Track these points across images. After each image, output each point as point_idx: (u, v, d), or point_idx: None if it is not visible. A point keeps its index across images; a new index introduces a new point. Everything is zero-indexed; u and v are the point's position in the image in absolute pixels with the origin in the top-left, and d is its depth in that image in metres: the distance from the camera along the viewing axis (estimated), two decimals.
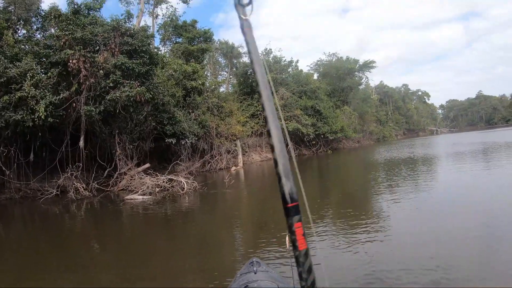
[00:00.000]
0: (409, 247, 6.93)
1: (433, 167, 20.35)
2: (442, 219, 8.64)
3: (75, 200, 16.38)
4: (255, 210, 13.03)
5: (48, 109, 16.07)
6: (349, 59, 56.80)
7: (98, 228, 11.90)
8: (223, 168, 29.31)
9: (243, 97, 39.56)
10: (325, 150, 44.21)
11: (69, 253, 8.56)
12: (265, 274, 3.76)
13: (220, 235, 9.79)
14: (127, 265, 7.42)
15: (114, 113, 18.22)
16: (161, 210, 13.56)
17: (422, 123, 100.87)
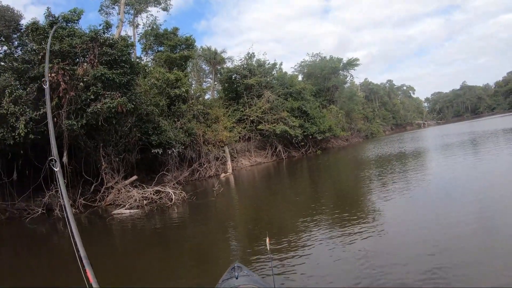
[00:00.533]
0: (404, 244, 6.92)
1: (424, 161, 20.32)
2: (436, 214, 8.63)
3: (61, 218, 15.78)
4: (244, 218, 12.66)
5: (29, 126, 15.51)
6: (333, 58, 56.90)
7: (86, 246, 11.35)
8: (213, 175, 28.85)
9: (228, 103, 39.24)
10: (314, 150, 43.96)
11: (60, 275, 8.29)
12: (247, 278, 3.88)
13: (210, 247, 9.52)
14: (119, 282, 7.23)
15: (97, 126, 17.75)
16: (150, 224, 13.14)
17: (409, 117, 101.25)
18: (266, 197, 16.85)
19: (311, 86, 48.83)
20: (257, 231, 9.74)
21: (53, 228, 14.60)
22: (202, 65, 51.11)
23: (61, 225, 14.76)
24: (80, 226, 14.26)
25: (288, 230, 9.41)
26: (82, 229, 14.00)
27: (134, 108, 18.54)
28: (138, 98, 19.36)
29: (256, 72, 40.44)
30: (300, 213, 11.24)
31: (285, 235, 8.70)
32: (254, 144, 39.31)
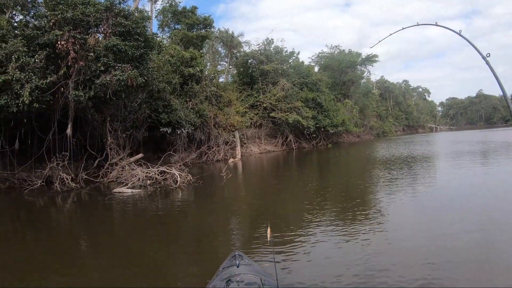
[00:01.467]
0: (406, 247, 6.67)
1: (434, 167, 19.01)
2: (441, 220, 8.28)
3: (60, 192, 15.02)
4: (249, 207, 11.74)
5: (34, 94, 14.62)
6: (352, 52, 55.46)
7: (82, 224, 10.64)
8: (221, 159, 28.01)
9: (242, 87, 38.30)
10: (325, 143, 43.04)
11: (56, 252, 7.77)
12: (248, 268, 3.80)
13: (212, 234, 8.83)
14: (115, 264, 6.87)
15: (105, 99, 16.85)
16: (151, 206, 12.22)
17: (421, 120, 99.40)
18: (273, 186, 15.87)
19: (328, 78, 47.57)
20: (261, 221, 9.08)
21: (52, 202, 13.74)
22: (218, 48, 50.00)
23: (59, 199, 13.99)
24: (79, 201, 13.59)
25: (291, 222, 9.13)
26: (81, 205, 13.31)
27: (145, 83, 17.58)
28: (150, 73, 18.38)
29: (273, 59, 39.43)
30: (305, 206, 10.64)
31: (288, 227, 8.44)
32: (265, 131, 38.42)
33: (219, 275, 3.86)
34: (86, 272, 6.47)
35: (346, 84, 53.45)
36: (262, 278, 3.42)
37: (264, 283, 3.30)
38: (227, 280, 3.46)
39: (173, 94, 22.92)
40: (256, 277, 3.49)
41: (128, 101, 19.77)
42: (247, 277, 3.51)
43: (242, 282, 3.40)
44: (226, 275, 3.66)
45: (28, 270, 6.59)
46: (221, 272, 3.93)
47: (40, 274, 6.36)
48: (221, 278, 3.63)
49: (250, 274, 3.60)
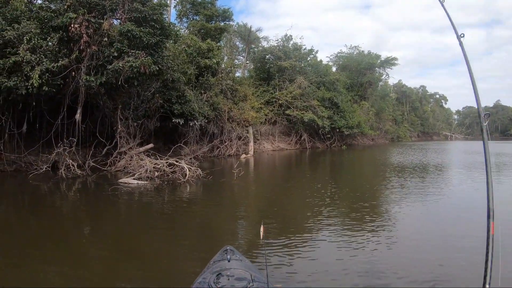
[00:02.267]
0: (410, 260, 6.31)
1: (448, 177, 17.91)
2: (449, 234, 7.80)
3: (65, 178, 14.35)
4: (257, 207, 11.02)
5: (44, 77, 14.02)
6: (371, 53, 53.97)
7: (81, 213, 9.95)
8: (232, 154, 27.19)
9: (258, 83, 37.53)
10: (340, 145, 42.03)
11: (54, 239, 7.49)
12: (239, 263, 3.76)
13: (215, 232, 8.34)
14: (116, 258, 6.54)
15: (117, 86, 16.20)
16: (155, 199, 11.43)
17: (437, 127, 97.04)
18: (284, 187, 15.02)
19: (345, 79, 46.45)
20: (266, 223, 8.28)
21: (56, 188, 13.10)
22: (236, 42, 49.06)
23: (63, 186, 13.37)
24: (83, 189, 12.90)
25: (297, 223, 8.97)
26: (84, 193, 12.63)
27: (159, 71, 16.90)
28: (165, 62, 17.65)
29: (291, 56, 38.50)
30: (313, 208, 10.19)
31: (294, 228, 8.33)
32: (279, 129, 37.53)
33: (210, 268, 3.81)
34: (82, 261, 6.20)
35: (363, 85, 52.05)
36: (252, 274, 3.41)
37: (254, 279, 3.28)
38: (218, 274, 3.41)
39: (188, 85, 22.17)
40: (247, 273, 3.44)
41: (141, 89, 19.17)
42: (238, 272, 3.47)
43: (232, 276, 3.36)
44: (216, 269, 3.61)
45: (25, 255, 6.24)
46: (212, 266, 3.89)
47: (35, 260, 6.06)
48: (212, 271, 3.56)
49: (241, 270, 3.55)
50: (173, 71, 19.40)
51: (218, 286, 3.20)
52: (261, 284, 3.27)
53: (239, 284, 3.22)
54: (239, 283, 3.25)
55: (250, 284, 3.21)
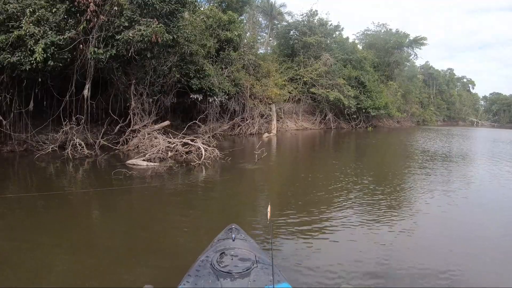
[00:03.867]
0: (428, 254, 5.71)
1: (478, 167, 15.47)
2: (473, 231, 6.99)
3: (71, 159, 12.74)
4: (280, 196, 9.32)
5: (49, 51, 12.46)
6: (399, 32, 50.26)
7: (74, 203, 8.34)
8: (254, 133, 25.33)
9: (282, 59, 35.26)
10: (365, 126, 39.73)
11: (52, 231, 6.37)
12: (243, 243, 3.71)
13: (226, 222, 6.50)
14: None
15: (129, 59, 14.47)
16: (163, 187, 9.65)
17: (463, 112, 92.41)
18: (307, 172, 12.95)
19: (373, 57, 43.69)
20: (287, 212, 7.52)
21: (59, 170, 11.53)
22: (258, 18, 46.64)
23: (67, 167, 11.80)
24: (87, 171, 11.25)
25: (313, 206, 8.07)
26: (88, 176, 11.01)
27: (174, 41, 15.09)
28: (181, 32, 15.78)
29: (316, 31, 35.82)
30: (333, 192, 9.43)
31: (309, 212, 7.58)
32: (303, 107, 35.41)
33: (214, 246, 3.67)
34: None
35: (390, 65, 48.96)
36: (256, 255, 3.34)
37: (258, 260, 3.22)
38: (221, 253, 3.33)
39: (207, 59, 20.27)
40: (251, 253, 3.36)
41: (157, 63, 17.45)
42: (242, 252, 3.37)
43: (236, 256, 3.28)
44: (220, 247, 3.52)
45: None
46: (216, 244, 3.74)
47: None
48: (215, 249, 3.46)
49: (245, 249, 3.45)
50: (190, 42, 17.53)
51: (221, 265, 3.09)
52: (265, 266, 3.18)
53: (243, 265, 3.12)
54: (243, 263, 3.15)
55: (254, 265, 3.14)
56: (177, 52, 17.68)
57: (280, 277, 3.09)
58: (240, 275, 3.00)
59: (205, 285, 2.92)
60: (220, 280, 2.94)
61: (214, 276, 3.00)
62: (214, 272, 3.04)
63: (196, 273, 3.10)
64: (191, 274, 3.10)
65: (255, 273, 3.05)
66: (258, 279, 2.99)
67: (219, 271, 3.04)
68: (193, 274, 3.09)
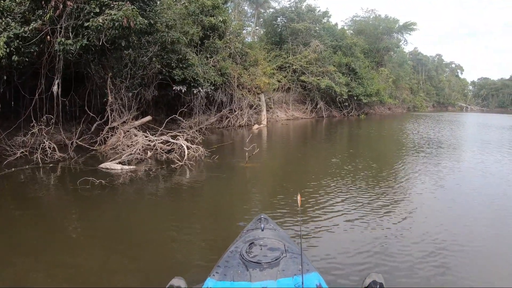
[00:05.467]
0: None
1: (476, 156, 14.30)
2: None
3: (41, 164, 10.95)
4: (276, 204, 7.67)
5: (13, 44, 10.92)
6: (388, 18, 48.85)
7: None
8: (244, 125, 23.77)
9: (270, 47, 33.72)
10: (357, 114, 38.48)
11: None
12: (272, 232, 3.67)
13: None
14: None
15: (103, 49, 12.83)
16: (136, 199, 8.12)
17: (452, 98, 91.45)
18: (305, 167, 11.90)
19: (364, 43, 42.25)
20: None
21: (32, 178, 9.80)
22: (244, 7, 44.90)
23: (41, 174, 10.23)
24: (61, 176, 9.75)
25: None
26: (53, 186, 9.43)
27: (151, 28, 13.51)
28: (159, 17, 14.19)
29: (305, 18, 34.45)
30: (337, 198, 8.09)
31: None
32: (294, 96, 33.97)
33: (243, 236, 3.67)
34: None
35: (380, 52, 47.64)
36: (285, 244, 3.33)
37: (288, 250, 3.21)
38: (250, 243, 3.33)
39: (191, 48, 18.63)
40: (280, 243, 3.34)
41: (137, 54, 15.86)
42: (271, 242, 3.36)
43: (265, 246, 3.27)
44: (249, 238, 3.51)
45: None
46: (245, 234, 3.74)
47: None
48: (245, 240, 3.45)
49: (274, 239, 3.43)
50: (170, 29, 15.95)
51: (250, 255, 3.09)
52: (294, 255, 3.14)
53: (272, 254, 3.12)
54: (272, 253, 3.15)
55: (283, 254, 3.11)
56: (157, 41, 16.11)
57: (309, 266, 3.05)
58: (269, 264, 2.98)
59: (234, 275, 2.91)
60: (250, 270, 2.91)
61: (243, 266, 2.95)
62: (243, 262, 3.01)
63: (226, 264, 3.10)
64: (220, 265, 3.09)
65: (284, 262, 3.02)
66: (287, 268, 2.95)
67: (248, 261, 3.01)
68: (222, 265, 3.09)
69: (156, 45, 16.37)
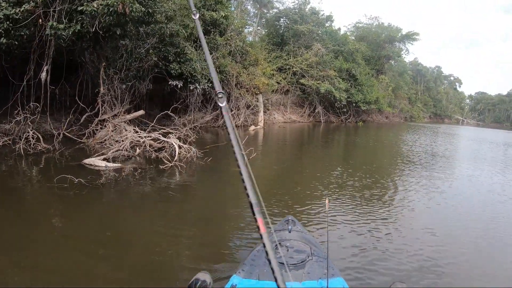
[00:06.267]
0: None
1: (472, 170, 13.90)
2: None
3: (23, 155, 10.16)
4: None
5: (2, 26, 10.27)
6: (391, 26, 48.34)
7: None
8: (240, 125, 23.09)
9: (271, 47, 33.02)
10: (355, 121, 37.84)
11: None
12: (299, 235, 3.63)
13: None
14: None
15: (97, 37, 12.16)
16: (115, 198, 7.43)
17: (449, 110, 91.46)
18: (297, 169, 11.56)
19: (366, 49, 41.66)
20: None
21: (14, 169, 9.10)
22: (247, 6, 44.14)
23: (23, 164, 9.50)
24: (42, 169, 8.98)
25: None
26: (34, 173, 8.68)
27: (149, 17, 12.79)
28: (158, 6, 13.43)
29: (308, 20, 33.93)
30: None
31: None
32: (292, 99, 33.40)
33: (270, 237, 2.07)
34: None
35: (381, 59, 47.05)
36: (312, 248, 3.29)
37: (314, 253, 3.17)
38: (277, 243, 3.19)
39: (190, 42, 17.88)
40: (306, 246, 3.31)
41: (134, 45, 15.11)
42: (297, 244, 3.33)
43: (292, 248, 3.24)
44: (277, 238, 3.40)
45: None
46: (272, 235, 3.40)
47: None
48: (271, 240, 1.98)
49: (301, 242, 3.39)
50: (169, 20, 15.21)
51: (276, 256, 1.97)
52: (320, 259, 3.10)
53: (298, 257, 3.08)
54: (298, 255, 3.11)
55: (309, 257, 3.08)
56: (156, 32, 15.38)
57: (334, 270, 2.99)
58: (294, 266, 2.94)
59: (260, 273, 2.87)
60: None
61: (268, 266, 1.98)
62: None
63: (252, 262, 3.09)
64: (246, 263, 3.09)
65: (310, 265, 2.97)
66: (313, 271, 2.89)
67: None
68: (248, 263, 3.08)
69: (155, 37, 15.66)
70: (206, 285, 2.79)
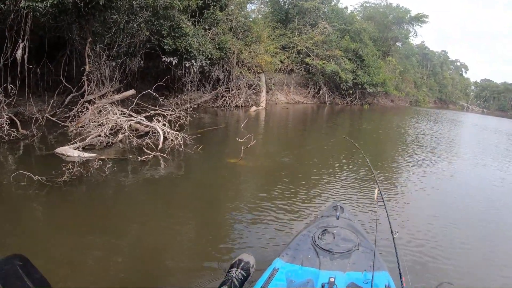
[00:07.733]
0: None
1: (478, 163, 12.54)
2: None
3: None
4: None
5: None
6: (400, 7, 46.03)
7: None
8: (240, 106, 21.44)
9: (274, 25, 31.16)
10: (361, 103, 36.15)
11: None
12: (347, 222, 3.48)
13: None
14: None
15: (80, 11, 10.76)
16: (77, 202, 5.92)
17: (454, 96, 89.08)
18: (304, 160, 10.08)
19: (374, 29, 39.67)
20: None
21: None
22: None
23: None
24: (12, 159, 7.79)
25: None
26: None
27: None
28: None
29: None
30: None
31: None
32: (296, 79, 31.68)
33: (317, 221, 3.50)
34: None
35: (388, 41, 45.00)
36: (359, 237, 3.14)
37: (361, 244, 3.02)
38: (324, 229, 3.17)
39: (187, 16, 16.23)
40: (353, 235, 3.16)
41: (125, 19, 13.58)
42: (344, 232, 3.18)
43: (338, 235, 3.10)
44: (323, 224, 3.35)
45: None
46: (319, 220, 3.57)
47: None
48: (318, 225, 3.30)
49: (348, 230, 3.24)
50: None
51: (322, 242, 2.96)
52: (366, 250, 2.96)
53: (344, 245, 2.95)
54: (344, 244, 2.98)
55: (356, 247, 2.95)
56: (149, 5, 13.84)
57: (380, 264, 2.80)
58: (340, 255, 2.84)
59: (303, 259, 2.81)
60: (320, 257, 2.80)
61: (313, 251, 2.85)
62: (314, 248, 2.90)
63: (296, 247, 3.00)
64: (291, 247, 3.01)
65: (356, 255, 2.86)
66: (358, 262, 2.79)
67: (319, 247, 2.89)
68: (292, 247, 3.00)
69: (148, 10, 14.11)
70: (249, 266, 2.84)
